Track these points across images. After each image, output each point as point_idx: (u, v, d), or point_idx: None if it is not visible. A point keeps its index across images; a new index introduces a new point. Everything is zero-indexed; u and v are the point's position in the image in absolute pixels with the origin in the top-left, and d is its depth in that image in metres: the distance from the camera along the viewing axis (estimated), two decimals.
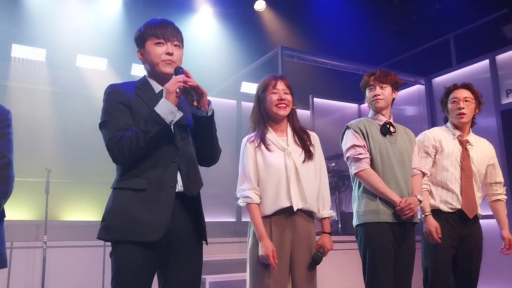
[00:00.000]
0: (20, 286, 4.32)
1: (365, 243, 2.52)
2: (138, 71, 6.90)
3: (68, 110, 6.36)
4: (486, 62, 5.73)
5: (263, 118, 2.43)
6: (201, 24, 6.86)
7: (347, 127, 2.72)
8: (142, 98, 1.86)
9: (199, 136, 1.93)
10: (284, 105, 2.37)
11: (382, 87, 2.67)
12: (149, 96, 1.87)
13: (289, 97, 2.40)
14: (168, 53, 1.87)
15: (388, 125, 2.66)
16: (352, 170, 2.61)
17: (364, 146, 2.61)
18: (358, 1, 6.87)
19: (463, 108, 2.79)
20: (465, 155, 2.77)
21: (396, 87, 2.73)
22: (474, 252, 2.72)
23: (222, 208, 6.71)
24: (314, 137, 2.49)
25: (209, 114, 1.85)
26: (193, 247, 1.88)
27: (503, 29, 5.95)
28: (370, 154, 2.60)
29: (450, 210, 2.71)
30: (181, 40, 1.95)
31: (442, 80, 6.30)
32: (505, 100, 5.46)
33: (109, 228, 1.76)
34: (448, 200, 2.72)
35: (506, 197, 2.92)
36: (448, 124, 2.93)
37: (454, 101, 2.83)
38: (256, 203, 2.32)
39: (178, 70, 1.85)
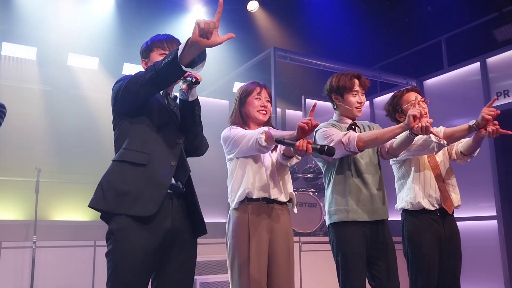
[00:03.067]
0: (9, 286, 4.27)
1: (337, 247, 2.49)
2: (130, 70, 6.87)
3: (59, 109, 6.30)
4: (477, 64, 5.78)
5: (243, 120, 2.57)
6: (194, 24, 6.84)
7: (316, 131, 2.59)
8: None
9: (183, 121, 1.96)
10: (265, 112, 2.54)
11: (363, 94, 2.65)
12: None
13: (269, 105, 2.58)
14: None
15: (354, 126, 2.63)
16: (352, 147, 2.37)
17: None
18: (351, 3, 6.90)
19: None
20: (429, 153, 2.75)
21: None
22: (457, 252, 2.74)
23: (214, 208, 6.69)
24: None
25: (190, 99, 1.91)
26: (190, 248, 1.94)
27: (494, 32, 6.01)
28: (340, 158, 2.52)
29: (431, 208, 2.70)
30: None
31: (433, 82, 6.34)
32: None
33: (102, 198, 1.75)
34: (430, 200, 2.71)
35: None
36: None
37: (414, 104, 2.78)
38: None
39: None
